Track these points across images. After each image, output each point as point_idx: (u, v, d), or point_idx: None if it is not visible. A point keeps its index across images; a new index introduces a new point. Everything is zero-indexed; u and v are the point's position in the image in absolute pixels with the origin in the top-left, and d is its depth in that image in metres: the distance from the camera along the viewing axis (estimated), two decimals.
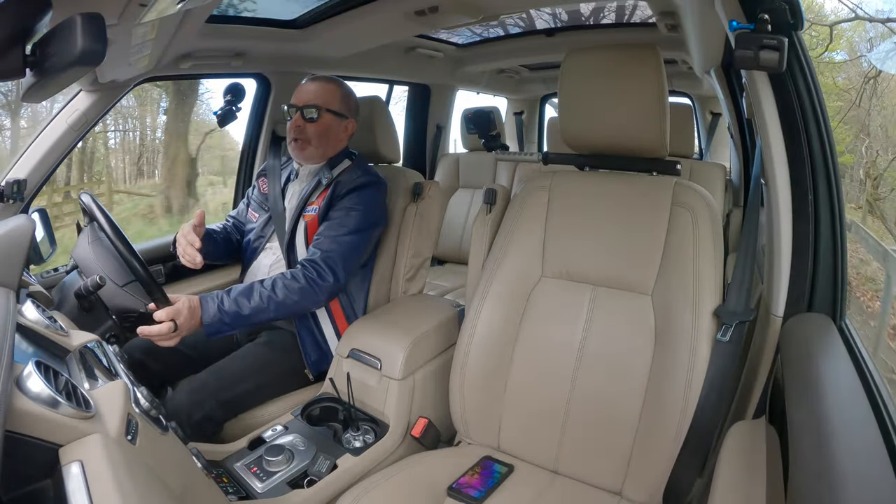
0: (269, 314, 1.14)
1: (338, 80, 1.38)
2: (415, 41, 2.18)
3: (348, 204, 1.27)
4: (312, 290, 1.17)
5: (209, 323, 1.08)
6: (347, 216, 1.25)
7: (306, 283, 1.17)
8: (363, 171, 1.34)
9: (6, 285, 0.62)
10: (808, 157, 0.81)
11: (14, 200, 1.18)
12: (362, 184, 1.30)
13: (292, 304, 1.16)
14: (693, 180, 1.27)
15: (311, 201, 1.33)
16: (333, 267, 1.19)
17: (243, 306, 1.11)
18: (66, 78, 0.60)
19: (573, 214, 1.10)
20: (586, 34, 2.22)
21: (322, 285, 1.18)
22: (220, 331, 1.10)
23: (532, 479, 1.02)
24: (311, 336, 1.30)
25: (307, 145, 1.31)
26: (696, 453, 0.90)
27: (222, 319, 1.09)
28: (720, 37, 1.52)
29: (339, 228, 1.24)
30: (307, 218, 1.32)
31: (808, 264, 0.84)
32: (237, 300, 1.11)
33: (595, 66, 1.04)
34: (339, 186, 1.30)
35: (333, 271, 1.19)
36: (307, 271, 1.18)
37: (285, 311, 1.16)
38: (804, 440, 0.55)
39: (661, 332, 0.97)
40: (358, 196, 1.28)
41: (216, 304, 1.09)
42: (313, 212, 1.31)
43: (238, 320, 1.11)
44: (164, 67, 1.38)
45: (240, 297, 1.12)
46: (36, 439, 0.51)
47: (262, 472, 1.00)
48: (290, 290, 1.15)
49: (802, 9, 0.74)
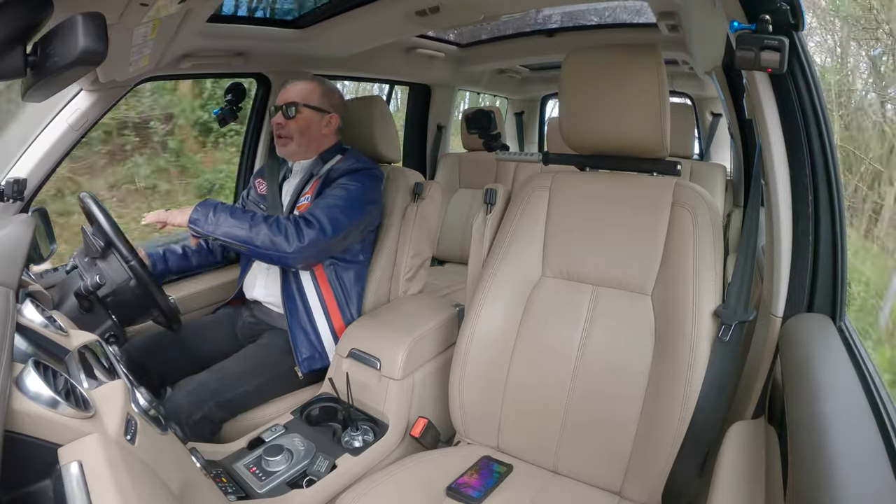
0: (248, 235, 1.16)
1: (320, 78, 1.43)
2: (415, 41, 2.18)
3: (342, 182, 1.30)
4: (297, 233, 1.17)
5: (198, 207, 1.18)
6: (340, 189, 1.28)
7: (293, 224, 1.18)
8: (357, 160, 1.37)
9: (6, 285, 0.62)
10: (808, 157, 0.81)
11: (14, 200, 1.18)
12: (357, 168, 1.33)
13: (272, 239, 1.16)
14: (693, 180, 1.27)
15: (305, 191, 1.36)
16: (319, 218, 1.21)
17: (235, 214, 1.18)
18: (67, 78, 0.60)
19: (573, 215, 1.10)
20: (587, 34, 2.23)
21: (306, 231, 1.18)
22: (198, 220, 1.17)
23: (531, 479, 1.02)
24: (303, 333, 1.30)
25: (289, 141, 1.36)
26: (695, 453, 0.90)
27: (209, 215, 1.17)
28: (721, 37, 1.52)
29: (330, 197, 1.27)
30: (301, 207, 1.34)
31: (808, 264, 0.84)
32: (233, 210, 1.19)
33: (595, 67, 1.04)
34: (333, 172, 1.33)
35: (319, 221, 1.20)
36: (299, 218, 1.21)
37: (264, 241, 1.16)
38: (804, 440, 0.55)
39: (661, 331, 0.97)
40: (352, 177, 1.31)
41: (215, 202, 1.20)
42: (306, 200, 1.34)
43: (220, 224, 1.16)
44: (164, 67, 1.38)
45: (237, 209, 1.20)
46: (35, 439, 0.51)
47: (262, 472, 1.00)
48: (278, 225, 1.17)
49: (804, 9, 0.74)
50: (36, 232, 1.09)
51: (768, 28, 0.71)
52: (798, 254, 0.85)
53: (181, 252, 1.43)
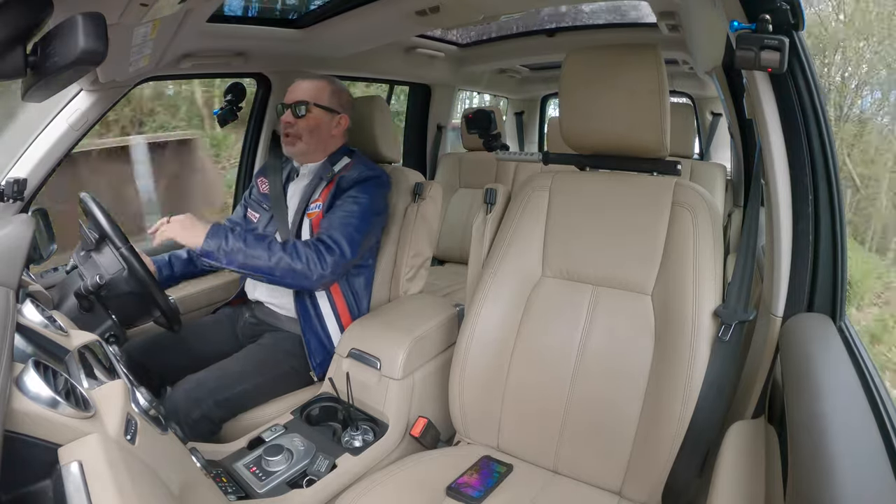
0: (267, 265, 1.14)
1: (329, 77, 1.40)
2: (415, 41, 2.18)
3: (353, 194, 1.29)
4: (319, 261, 1.17)
5: (209, 239, 1.10)
6: (352, 204, 1.27)
7: (314, 251, 1.17)
8: (366, 167, 1.35)
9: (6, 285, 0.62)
10: (808, 157, 0.81)
11: (14, 200, 1.18)
12: (366, 177, 1.32)
13: (293, 268, 1.15)
14: (693, 180, 1.27)
15: (315, 198, 1.34)
16: (339, 241, 1.20)
17: (249, 243, 1.13)
18: (67, 78, 0.60)
19: (573, 214, 1.10)
20: (587, 34, 2.22)
21: (328, 258, 1.18)
22: (211, 254, 1.11)
23: (531, 479, 1.02)
24: (316, 338, 1.30)
25: (297, 140, 1.34)
26: (695, 453, 0.90)
27: (221, 246, 1.11)
28: (721, 37, 1.52)
29: (343, 214, 1.26)
30: (311, 215, 1.33)
31: (808, 264, 0.84)
32: (246, 237, 1.13)
33: (596, 67, 1.04)
34: (343, 181, 1.31)
35: (339, 245, 1.20)
36: (318, 243, 1.19)
37: (284, 271, 1.15)
38: (804, 440, 0.55)
39: (661, 331, 0.97)
40: (362, 188, 1.30)
41: (226, 229, 1.13)
42: (317, 208, 1.32)
43: (235, 254, 1.12)
44: (164, 67, 1.38)
45: (249, 236, 1.14)
46: (35, 439, 0.51)
47: (262, 472, 1.00)
48: (298, 253, 1.15)
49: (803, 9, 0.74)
50: (36, 232, 1.09)
51: (768, 28, 0.71)
52: (798, 254, 0.85)
53: (186, 257, 1.42)
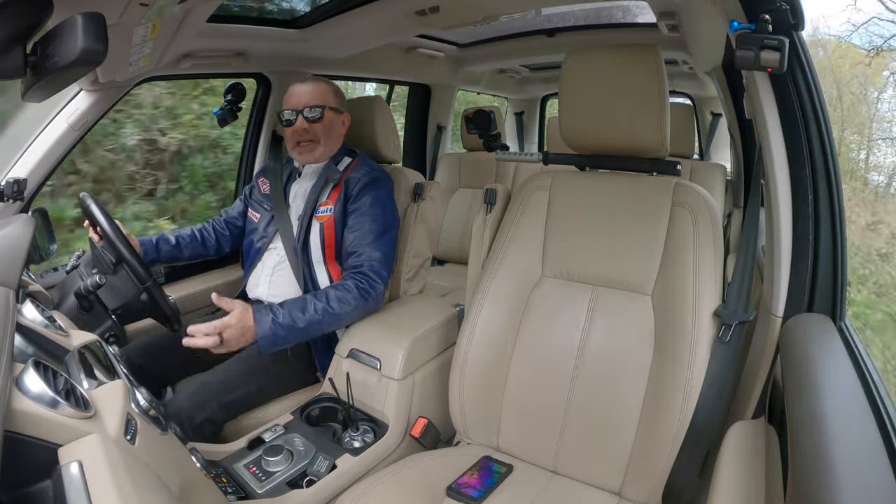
0: (324, 326, 1.15)
1: (323, 77, 1.41)
2: (415, 41, 2.18)
3: (366, 207, 1.28)
4: (365, 300, 1.19)
5: (264, 336, 1.08)
6: (372, 220, 1.27)
7: (359, 293, 1.18)
8: (370, 167, 1.35)
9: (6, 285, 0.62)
10: (808, 157, 0.81)
11: (14, 200, 1.18)
12: (373, 179, 1.31)
13: (347, 315, 1.18)
14: (693, 180, 1.27)
15: (323, 201, 1.33)
16: (379, 271, 1.22)
17: (298, 319, 1.11)
18: (67, 78, 0.60)
19: (573, 214, 1.10)
20: (587, 34, 2.22)
21: (373, 294, 1.20)
22: (275, 344, 1.10)
23: (531, 479, 1.02)
24: (324, 340, 1.30)
25: (316, 145, 1.32)
26: (695, 453, 0.90)
27: (276, 333, 1.09)
28: (721, 37, 1.52)
29: (369, 234, 1.25)
30: (321, 219, 1.31)
31: (808, 264, 0.84)
32: (292, 314, 1.11)
33: (595, 67, 1.04)
34: (350, 184, 1.30)
35: (381, 276, 1.22)
36: (358, 281, 1.20)
37: (340, 322, 1.19)
38: (804, 440, 0.55)
39: (661, 332, 0.97)
40: (373, 197, 1.29)
41: (270, 317, 1.09)
42: (328, 212, 1.31)
43: (293, 333, 1.11)
44: (164, 67, 1.38)
45: (294, 310, 1.12)
46: (35, 439, 0.51)
47: (262, 473, 1.00)
48: (344, 302, 1.16)
49: (803, 9, 0.74)
50: (36, 232, 1.09)
51: (768, 28, 0.71)
52: (798, 254, 0.85)
53: (174, 242, 1.41)
